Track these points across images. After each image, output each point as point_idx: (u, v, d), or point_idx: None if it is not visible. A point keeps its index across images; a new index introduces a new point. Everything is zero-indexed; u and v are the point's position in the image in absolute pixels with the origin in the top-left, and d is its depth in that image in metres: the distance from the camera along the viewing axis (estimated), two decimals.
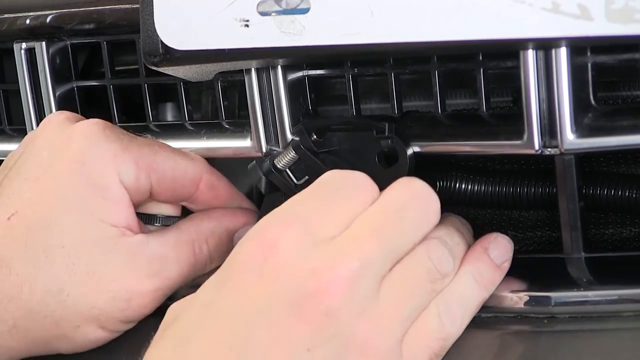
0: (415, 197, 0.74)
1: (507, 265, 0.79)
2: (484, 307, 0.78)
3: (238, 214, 0.90)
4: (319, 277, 0.68)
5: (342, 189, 0.74)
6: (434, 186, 0.84)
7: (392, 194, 0.74)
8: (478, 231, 0.89)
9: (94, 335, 0.85)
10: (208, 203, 0.91)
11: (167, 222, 0.91)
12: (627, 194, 0.83)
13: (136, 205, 0.88)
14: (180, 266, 0.86)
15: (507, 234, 0.88)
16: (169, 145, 0.90)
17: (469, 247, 0.79)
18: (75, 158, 0.85)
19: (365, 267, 0.70)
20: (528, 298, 0.79)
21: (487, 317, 0.79)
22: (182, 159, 0.89)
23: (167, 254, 0.85)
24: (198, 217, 0.90)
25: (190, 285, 0.87)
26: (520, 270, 0.83)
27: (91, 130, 0.87)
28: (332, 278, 0.68)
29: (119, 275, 0.84)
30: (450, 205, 0.87)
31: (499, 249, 0.79)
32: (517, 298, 0.79)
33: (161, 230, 0.88)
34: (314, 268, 0.69)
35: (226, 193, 0.91)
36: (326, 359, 0.68)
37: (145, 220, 0.89)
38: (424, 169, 0.83)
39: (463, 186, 0.86)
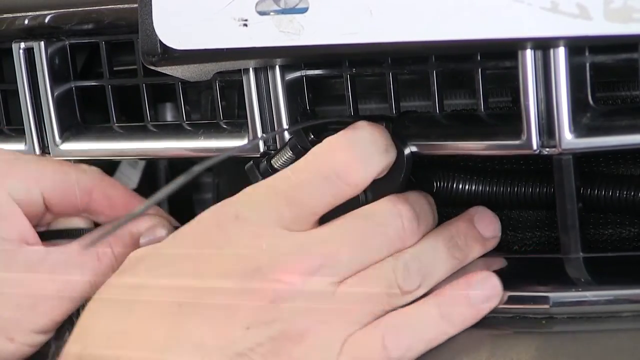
0: (399, 215, 0.76)
1: (487, 307, 0.77)
2: None
3: (141, 219, 0.91)
4: (279, 265, 0.71)
5: (332, 175, 0.76)
6: (431, 186, 0.84)
7: (378, 207, 0.77)
8: None
9: (4, 349, 0.85)
10: (105, 212, 0.93)
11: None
12: (625, 194, 0.83)
13: (35, 219, 0.91)
14: (83, 271, 0.87)
15: (506, 234, 0.88)
16: (59, 160, 0.94)
17: (459, 262, 0.80)
18: None
19: (327, 268, 0.72)
20: (526, 298, 0.79)
21: (485, 318, 0.79)
22: (73, 170, 0.92)
23: (69, 260, 0.87)
24: (103, 226, 0.93)
25: None
26: (518, 270, 0.83)
27: None
28: (290, 269, 0.71)
29: (20, 283, 0.85)
30: (449, 206, 0.87)
31: (484, 289, 0.77)
32: (515, 298, 0.79)
33: (66, 241, 0.91)
34: (277, 254, 0.71)
35: (123, 201, 0.93)
36: (260, 340, 0.70)
37: (56, 235, 0.92)
38: (421, 169, 0.83)
39: (460, 186, 0.86)
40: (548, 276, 0.82)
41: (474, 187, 0.86)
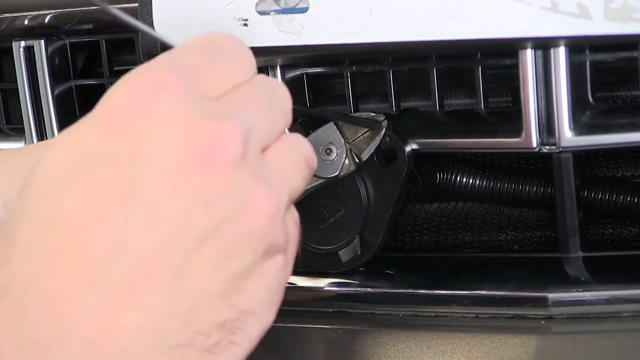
0: (284, 88, 0.68)
1: None
2: (481, 307, 0.79)
3: None
4: (219, 125, 0.60)
5: (224, 51, 0.65)
6: (434, 178, 0.84)
7: (265, 79, 0.67)
8: (477, 229, 0.89)
9: None
10: None
11: None
12: (625, 200, 0.84)
13: None
14: None
15: (506, 234, 0.88)
16: None
17: None
18: None
19: (255, 127, 0.63)
20: (525, 298, 0.79)
21: (485, 318, 0.79)
22: None
23: None
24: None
25: None
26: (517, 269, 0.83)
27: None
28: (232, 128, 0.60)
29: None
30: (450, 198, 0.88)
31: None
32: (514, 298, 0.79)
33: None
34: (209, 116, 0.60)
35: None
36: (223, 215, 0.60)
37: None
38: (424, 160, 0.83)
39: (464, 179, 0.86)
40: (547, 276, 0.81)
41: (477, 181, 0.86)
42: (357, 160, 0.80)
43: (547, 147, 0.76)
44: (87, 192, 0.58)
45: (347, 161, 0.80)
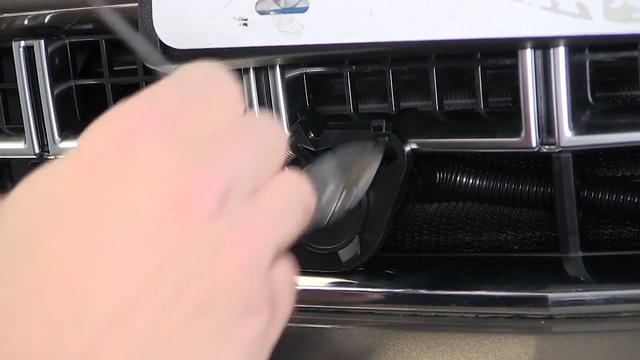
0: (277, 125, 0.66)
1: None
2: (481, 307, 0.79)
3: None
4: (196, 174, 0.57)
5: (209, 90, 0.63)
6: (434, 178, 0.84)
7: (253, 118, 0.66)
8: (477, 229, 0.90)
9: None
10: None
11: None
12: (625, 199, 0.84)
13: None
14: None
15: (506, 234, 0.88)
16: None
17: None
18: None
19: (240, 174, 0.60)
20: (525, 298, 0.79)
21: (485, 318, 0.79)
22: None
23: None
24: None
25: None
26: (517, 269, 0.83)
27: None
28: (210, 177, 0.58)
29: None
30: (450, 198, 0.88)
31: None
32: (514, 298, 0.79)
33: None
34: (188, 164, 0.57)
35: None
36: (198, 266, 0.57)
37: None
38: (424, 160, 0.83)
39: (464, 179, 0.86)
40: (547, 276, 0.81)
41: (477, 181, 0.86)
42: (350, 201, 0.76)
43: (546, 147, 0.76)
44: (51, 248, 0.55)
45: (338, 206, 0.75)
